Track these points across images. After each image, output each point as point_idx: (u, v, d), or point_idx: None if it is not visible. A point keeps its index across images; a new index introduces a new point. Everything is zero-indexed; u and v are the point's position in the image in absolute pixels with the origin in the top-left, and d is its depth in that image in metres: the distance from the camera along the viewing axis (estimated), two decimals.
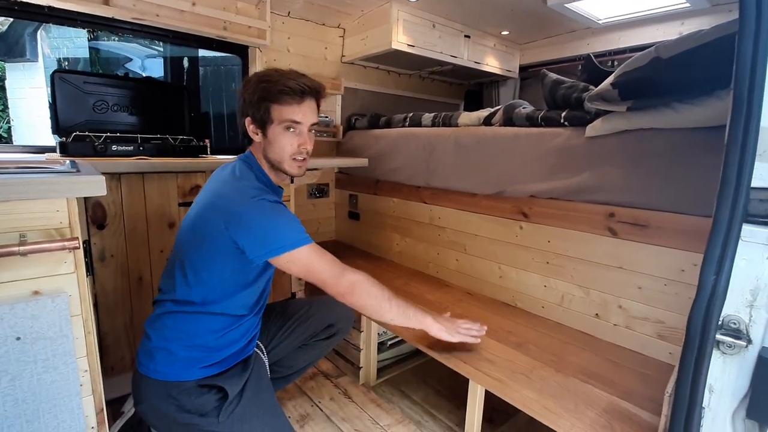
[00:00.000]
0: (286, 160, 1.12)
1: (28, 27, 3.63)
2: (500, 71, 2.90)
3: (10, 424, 0.78)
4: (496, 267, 1.67)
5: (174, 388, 1.02)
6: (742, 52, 0.66)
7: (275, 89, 1.06)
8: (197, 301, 1.04)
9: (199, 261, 1.04)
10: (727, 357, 0.70)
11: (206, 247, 1.02)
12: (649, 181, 1.20)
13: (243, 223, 0.98)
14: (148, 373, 1.04)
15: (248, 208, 1.00)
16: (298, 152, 1.12)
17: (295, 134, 1.10)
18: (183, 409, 1.01)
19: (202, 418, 1.01)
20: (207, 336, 1.06)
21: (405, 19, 2.23)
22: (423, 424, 1.47)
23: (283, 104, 1.07)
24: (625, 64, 1.18)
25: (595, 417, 0.96)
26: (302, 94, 1.08)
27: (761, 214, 0.68)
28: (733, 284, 0.69)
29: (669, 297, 1.18)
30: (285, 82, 1.06)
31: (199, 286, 1.04)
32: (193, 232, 1.05)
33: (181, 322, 1.06)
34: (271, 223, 1.00)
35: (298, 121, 1.09)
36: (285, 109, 1.08)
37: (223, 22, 2.01)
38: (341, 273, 1.05)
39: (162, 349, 1.04)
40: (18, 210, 0.75)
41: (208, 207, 1.05)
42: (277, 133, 1.09)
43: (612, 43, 2.57)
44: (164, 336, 1.05)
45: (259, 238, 0.99)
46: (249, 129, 1.12)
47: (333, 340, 1.41)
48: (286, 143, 1.10)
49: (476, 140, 1.70)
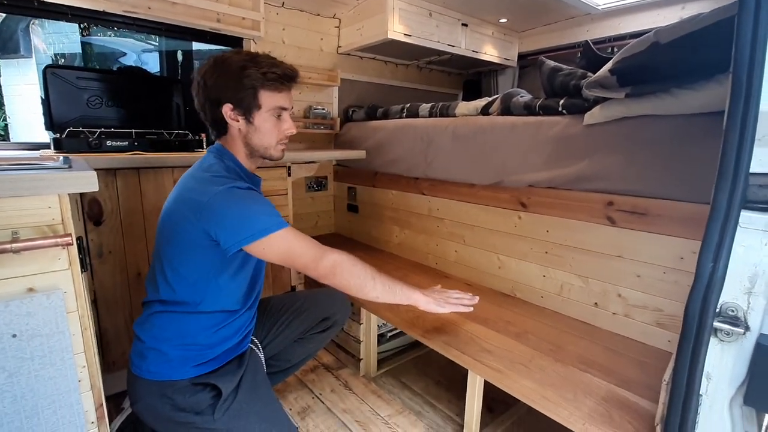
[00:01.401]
0: (271, 146, 1.11)
1: (20, 22, 3.59)
2: (499, 60, 2.87)
3: (9, 420, 0.79)
4: (495, 257, 1.67)
5: (168, 387, 1.01)
6: (741, 35, 0.65)
7: (263, 75, 1.04)
8: (183, 300, 1.03)
9: (175, 258, 1.02)
10: (724, 344, 0.70)
11: (180, 242, 1.01)
12: (648, 168, 1.19)
13: (213, 213, 0.95)
14: (141, 374, 1.03)
15: (217, 196, 0.96)
16: (284, 137, 1.12)
17: (280, 120, 1.10)
18: (178, 408, 1.00)
19: (197, 416, 1.00)
20: (199, 334, 1.05)
21: (401, 8, 2.20)
22: (423, 414, 1.48)
23: (272, 90, 1.06)
24: (624, 50, 1.16)
25: (594, 405, 0.96)
26: (289, 80, 1.08)
27: (760, 200, 0.67)
28: (732, 271, 0.68)
29: (668, 285, 1.18)
30: (274, 69, 1.05)
31: (181, 284, 1.02)
32: (166, 229, 1.04)
33: (170, 322, 1.04)
34: (242, 210, 0.97)
35: (286, 107, 1.10)
36: (275, 96, 1.07)
37: (217, 13, 1.99)
38: (322, 255, 1.02)
39: (153, 349, 1.03)
40: (9, 207, 0.75)
41: (177, 201, 1.04)
42: (264, 120, 1.07)
43: (612, 29, 2.54)
44: (154, 336, 1.04)
45: (230, 226, 0.95)
46: (227, 115, 1.06)
47: (329, 332, 1.42)
48: (274, 129, 1.09)
49: (474, 130, 1.69)
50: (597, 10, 2.42)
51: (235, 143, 1.10)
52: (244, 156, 1.12)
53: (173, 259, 1.02)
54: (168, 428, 1.05)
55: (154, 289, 1.06)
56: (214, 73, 1.05)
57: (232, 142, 1.10)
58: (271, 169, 1.85)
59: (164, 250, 1.04)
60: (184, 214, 0.99)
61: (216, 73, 1.05)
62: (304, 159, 1.95)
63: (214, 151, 1.11)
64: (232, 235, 0.95)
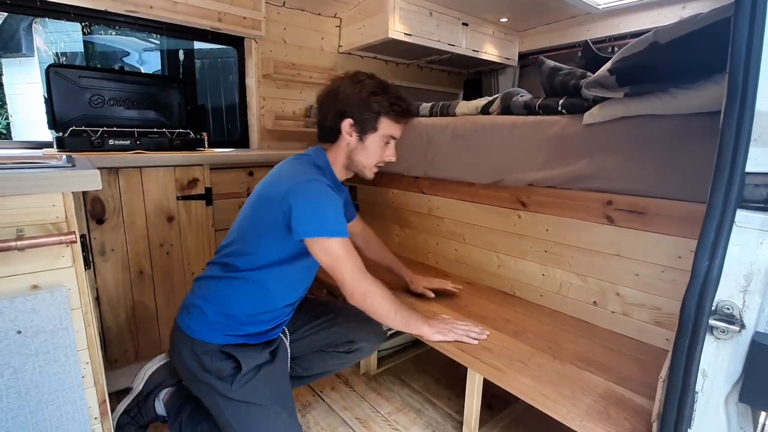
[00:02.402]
0: (369, 167, 1.23)
1: (22, 21, 3.60)
2: (499, 59, 2.87)
3: (14, 415, 0.80)
4: (494, 256, 1.68)
5: (199, 346, 1.11)
6: (737, 36, 0.66)
7: (393, 105, 1.16)
8: (242, 267, 1.13)
9: (249, 233, 1.13)
10: (720, 342, 0.71)
11: (260, 221, 1.11)
12: (646, 167, 1.19)
13: (296, 198, 1.05)
14: (182, 327, 1.14)
15: (305, 185, 1.07)
16: (383, 161, 1.24)
17: (387, 147, 1.22)
18: (204, 368, 1.09)
19: (218, 381, 1.08)
20: (239, 308, 1.13)
21: (402, 7, 2.20)
22: (423, 411, 1.49)
23: (393, 121, 1.18)
24: (623, 50, 1.17)
25: (592, 403, 0.97)
26: (408, 115, 1.22)
27: (756, 199, 0.68)
28: (727, 270, 0.69)
29: (666, 283, 1.18)
30: (398, 101, 1.17)
31: (244, 258, 1.12)
32: (253, 205, 1.16)
33: (219, 288, 1.15)
34: (320, 205, 1.07)
35: (396, 137, 1.22)
36: (393, 126, 1.19)
37: (218, 13, 2.00)
38: (362, 278, 1.09)
39: (197, 307, 1.14)
40: (14, 205, 0.76)
41: (269, 183, 1.16)
42: (374, 143, 1.19)
43: (612, 29, 2.54)
44: (203, 296, 1.15)
45: (304, 215, 1.05)
46: (345, 128, 1.17)
47: (352, 356, 1.40)
48: (378, 153, 1.21)
49: (474, 129, 1.69)
50: (597, 9, 2.42)
51: (339, 153, 1.21)
52: (341, 166, 1.23)
53: (248, 233, 1.13)
54: (192, 383, 1.13)
55: (221, 254, 1.18)
56: (348, 89, 1.16)
57: (336, 151, 1.22)
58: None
59: (244, 224, 1.15)
60: (272, 195, 1.10)
61: (350, 90, 1.16)
62: None
63: (315, 151, 1.24)
64: (303, 223, 1.04)
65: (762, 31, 0.64)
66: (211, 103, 3.04)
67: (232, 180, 1.73)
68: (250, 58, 2.26)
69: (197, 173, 1.62)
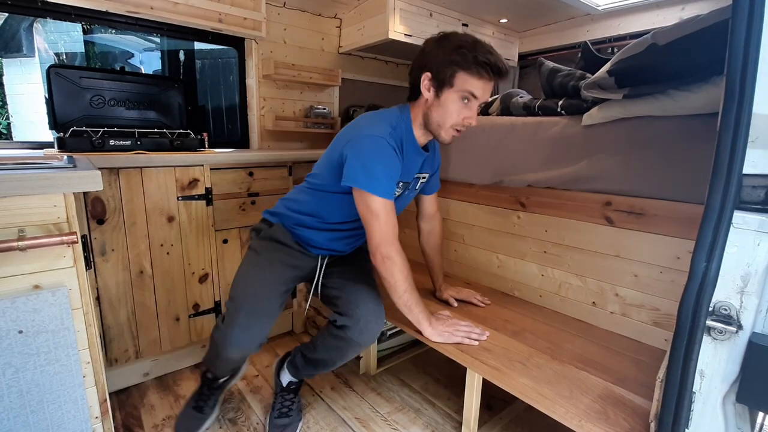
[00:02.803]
0: (445, 127, 1.17)
1: (23, 21, 3.61)
2: None
3: (15, 414, 0.80)
4: (494, 257, 1.68)
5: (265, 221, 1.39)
6: (734, 39, 0.66)
7: (472, 57, 1.09)
8: (314, 184, 1.30)
9: (324, 160, 1.28)
10: (718, 342, 0.71)
11: (330, 154, 1.25)
12: (645, 169, 1.20)
13: (354, 146, 1.14)
14: (264, 212, 1.41)
15: (367, 138, 1.13)
16: (461, 124, 1.17)
17: (466, 106, 1.15)
18: (259, 234, 1.36)
19: (254, 234, 1.39)
20: (302, 211, 1.31)
21: (401, 8, 2.21)
22: (422, 411, 1.50)
23: (472, 75, 1.11)
24: (622, 51, 1.18)
25: (590, 403, 0.97)
26: (494, 72, 1.12)
27: (753, 200, 0.68)
28: (725, 270, 0.70)
29: (664, 284, 1.19)
30: (484, 55, 1.09)
31: (319, 176, 1.29)
32: (333, 142, 1.28)
33: (300, 193, 1.35)
34: (372, 161, 1.11)
35: (477, 96, 1.14)
36: (471, 81, 1.11)
37: (218, 14, 2.00)
38: (389, 243, 1.13)
39: (283, 199, 1.39)
40: (16, 206, 0.76)
41: (348, 128, 1.25)
42: (451, 99, 1.14)
43: (612, 30, 2.55)
44: (288, 196, 1.38)
45: (355, 166, 1.12)
46: (423, 83, 1.15)
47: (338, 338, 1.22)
48: (454, 111, 1.15)
49: (473, 130, 1.69)
50: (597, 10, 2.43)
51: (418, 110, 1.20)
52: (419, 124, 1.22)
53: (322, 163, 1.29)
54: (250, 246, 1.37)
55: (308, 175, 1.36)
56: (434, 44, 1.14)
57: (416, 109, 1.21)
58: (273, 169, 1.86)
59: (324, 155, 1.31)
60: (341, 139, 1.21)
61: (435, 45, 1.14)
62: (305, 158, 1.97)
63: (400, 108, 1.25)
64: (351, 172, 1.12)
65: (759, 34, 0.65)
66: (212, 103, 3.04)
67: (232, 180, 1.73)
68: (251, 59, 2.27)
69: (197, 173, 1.62)
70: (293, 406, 1.40)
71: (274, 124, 2.34)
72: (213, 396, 1.41)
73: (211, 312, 1.76)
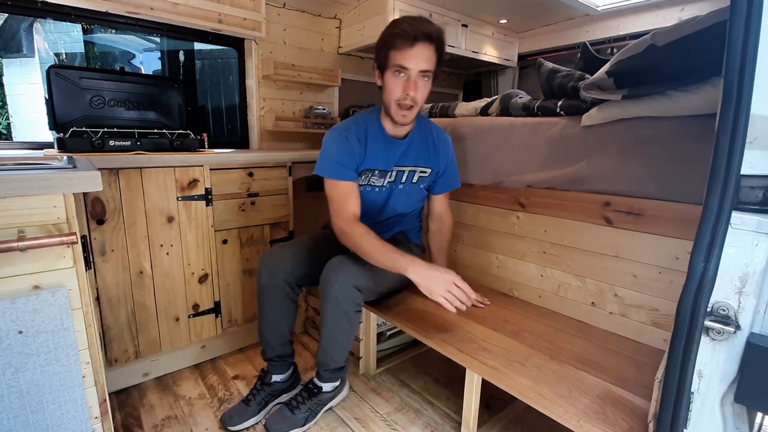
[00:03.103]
0: (392, 105, 1.24)
1: (23, 22, 3.61)
2: (499, 60, 2.88)
3: (15, 414, 0.80)
4: (493, 257, 1.68)
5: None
6: (732, 40, 0.66)
7: (391, 33, 1.16)
8: None
9: None
10: (716, 343, 0.71)
11: None
12: (644, 169, 1.20)
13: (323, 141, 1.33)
14: None
15: (327, 134, 1.32)
16: (402, 97, 1.20)
17: (402, 79, 1.19)
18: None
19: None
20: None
21: (401, 8, 2.21)
22: (422, 411, 1.50)
23: (396, 49, 1.16)
24: (621, 52, 1.18)
25: (589, 403, 0.98)
26: (414, 39, 1.14)
27: (751, 201, 0.68)
28: (723, 271, 0.70)
29: (663, 285, 1.19)
30: (400, 26, 1.15)
31: None
32: None
33: None
34: (325, 149, 1.30)
35: (407, 66, 1.17)
36: (397, 54, 1.16)
37: (218, 14, 2.01)
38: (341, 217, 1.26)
39: None
40: (16, 206, 0.76)
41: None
42: (388, 78, 1.21)
43: (611, 30, 2.55)
44: None
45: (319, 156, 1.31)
46: (376, 78, 1.27)
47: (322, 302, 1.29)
48: (393, 87, 1.20)
49: (473, 131, 1.70)
50: (596, 11, 2.43)
51: (383, 103, 1.29)
52: (383, 114, 1.32)
53: None
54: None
55: None
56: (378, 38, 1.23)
57: (383, 102, 1.29)
58: (273, 169, 1.87)
59: None
60: None
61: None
62: (305, 158, 1.97)
63: (375, 107, 1.37)
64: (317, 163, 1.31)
65: (757, 35, 0.65)
66: (212, 103, 3.04)
67: (232, 180, 1.73)
68: (251, 59, 2.27)
69: (197, 174, 1.62)
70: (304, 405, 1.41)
71: (274, 125, 2.34)
72: (261, 393, 1.44)
73: (211, 312, 1.76)
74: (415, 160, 1.42)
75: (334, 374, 1.41)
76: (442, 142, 1.49)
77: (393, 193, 1.44)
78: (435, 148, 1.45)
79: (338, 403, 1.51)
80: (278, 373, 1.47)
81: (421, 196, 1.53)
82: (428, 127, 1.47)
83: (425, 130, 1.44)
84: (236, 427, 1.36)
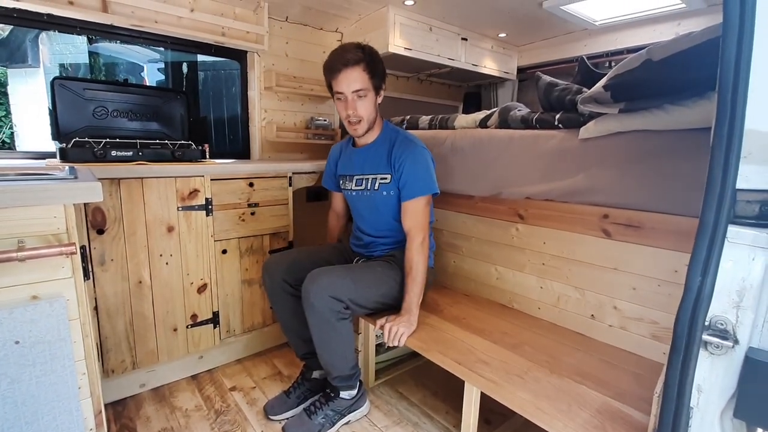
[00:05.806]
0: (344, 123, 1.46)
1: (29, 33, 3.67)
2: (498, 73, 2.91)
3: (9, 426, 0.80)
4: (492, 269, 1.68)
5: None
6: (725, 56, 0.67)
7: (325, 66, 1.39)
8: None
9: None
10: (714, 357, 0.71)
11: None
12: (642, 182, 1.21)
13: None
14: None
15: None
16: (346, 116, 1.42)
17: (342, 102, 1.39)
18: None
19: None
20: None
21: (402, 22, 2.25)
22: (420, 425, 1.48)
23: (332, 78, 1.37)
24: (617, 67, 1.19)
25: (588, 417, 0.97)
26: (340, 67, 1.33)
27: (747, 215, 0.69)
28: (720, 285, 0.70)
29: (663, 298, 1.19)
30: (329, 59, 1.37)
31: None
32: None
33: None
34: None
35: (340, 90, 1.37)
36: (333, 83, 1.38)
37: (222, 27, 2.04)
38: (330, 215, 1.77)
39: None
40: (16, 216, 0.77)
41: None
42: (336, 103, 1.43)
43: (609, 44, 2.58)
44: None
45: None
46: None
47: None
48: (339, 109, 1.43)
49: (472, 143, 1.71)
50: (594, 25, 2.46)
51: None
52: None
53: None
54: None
55: None
56: None
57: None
58: (274, 179, 1.88)
59: None
60: None
61: None
62: (305, 169, 1.99)
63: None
64: None
65: (750, 51, 0.66)
66: (214, 114, 3.07)
67: (232, 190, 1.74)
68: (253, 71, 2.30)
69: (198, 184, 1.63)
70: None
71: (276, 136, 2.36)
72: (301, 387, 1.55)
73: (209, 323, 1.76)
74: (375, 167, 1.51)
75: (343, 382, 1.43)
76: (404, 147, 1.46)
77: (355, 197, 1.59)
78: (394, 154, 1.46)
79: (359, 418, 1.50)
80: (318, 368, 1.53)
81: (391, 206, 1.50)
82: (393, 134, 1.52)
83: (389, 137, 1.52)
84: (277, 416, 1.48)
